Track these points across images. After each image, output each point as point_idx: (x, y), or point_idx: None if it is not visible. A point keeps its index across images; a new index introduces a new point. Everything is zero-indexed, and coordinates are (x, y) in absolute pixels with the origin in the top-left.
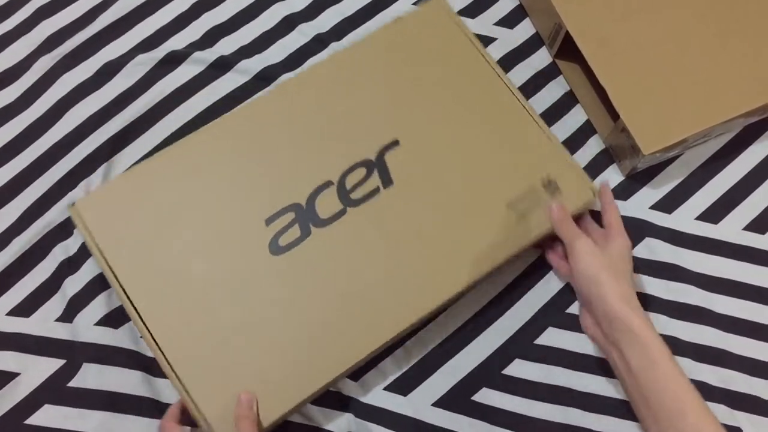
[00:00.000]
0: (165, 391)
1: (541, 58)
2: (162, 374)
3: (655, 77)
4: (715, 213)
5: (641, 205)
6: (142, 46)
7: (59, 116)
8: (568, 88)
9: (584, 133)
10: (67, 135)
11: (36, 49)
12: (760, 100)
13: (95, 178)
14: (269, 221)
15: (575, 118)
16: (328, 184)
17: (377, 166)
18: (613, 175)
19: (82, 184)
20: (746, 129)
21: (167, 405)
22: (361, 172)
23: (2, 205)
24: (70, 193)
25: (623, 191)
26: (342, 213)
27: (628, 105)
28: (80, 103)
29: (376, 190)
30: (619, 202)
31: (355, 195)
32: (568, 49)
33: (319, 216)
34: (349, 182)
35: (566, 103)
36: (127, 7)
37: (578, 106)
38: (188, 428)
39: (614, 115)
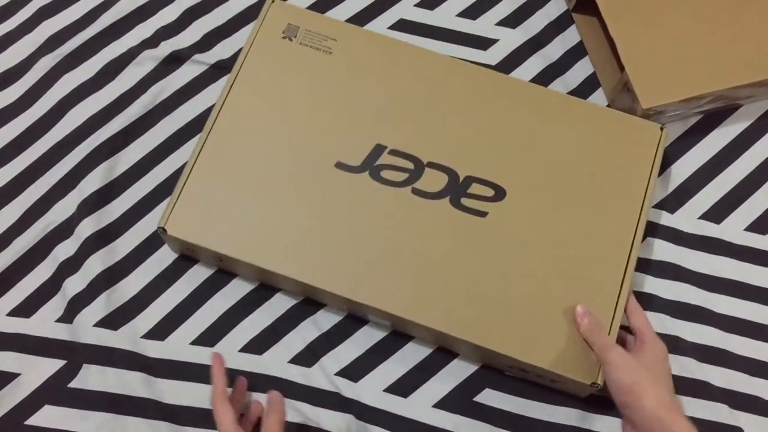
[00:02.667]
0: (165, 392)
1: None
2: (161, 374)
3: (667, 37)
4: (717, 213)
5: None
6: (142, 47)
7: (60, 116)
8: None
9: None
10: (67, 135)
11: (37, 49)
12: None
13: (95, 178)
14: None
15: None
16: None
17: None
18: None
19: (83, 184)
20: (748, 129)
21: (168, 406)
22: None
23: (3, 206)
24: (70, 193)
25: None
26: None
27: (635, 58)
28: (81, 104)
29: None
30: None
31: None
32: (585, 4)
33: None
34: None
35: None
36: (127, 8)
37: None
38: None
39: (621, 70)
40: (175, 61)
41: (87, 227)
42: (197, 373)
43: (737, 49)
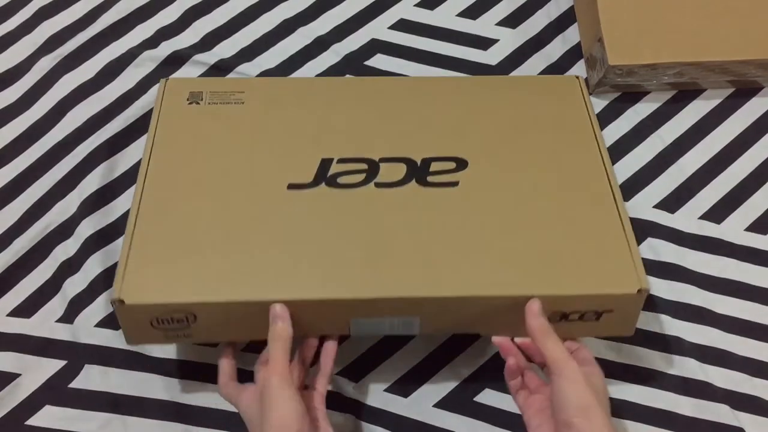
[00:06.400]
0: (166, 392)
1: None
2: (163, 374)
3: (651, 2)
4: (717, 213)
5: (644, 204)
6: (142, 47)
7: (60, 117)
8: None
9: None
10: (67, 135)
11: (37, 49)
12: (743, 54)
13: (95, 178)
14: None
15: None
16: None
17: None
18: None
19: (83, 184)
20: (748, 129)
21: (169, 404)
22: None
23: (3, 206)
24: (70, 194)
25: (626, 191)
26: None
27: (614, 16)
28: (81, 104)
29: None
30: None
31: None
32: None
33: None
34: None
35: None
36: (127, 9)
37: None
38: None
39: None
40: (175, 61)
41: (87, 227)
42: (199, 371)
43: (722, 26)
